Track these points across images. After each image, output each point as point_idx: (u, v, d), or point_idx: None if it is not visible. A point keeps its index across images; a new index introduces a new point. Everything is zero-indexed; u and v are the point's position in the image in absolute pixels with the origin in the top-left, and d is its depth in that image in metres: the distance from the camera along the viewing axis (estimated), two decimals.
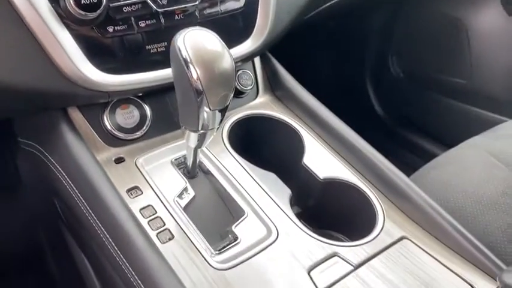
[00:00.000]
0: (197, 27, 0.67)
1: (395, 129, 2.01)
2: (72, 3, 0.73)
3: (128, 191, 0.81)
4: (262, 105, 1.06)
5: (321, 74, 2.11)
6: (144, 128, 0.91)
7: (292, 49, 1.51)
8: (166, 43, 0.85)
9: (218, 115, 0.70)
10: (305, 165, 0.94)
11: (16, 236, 1.52)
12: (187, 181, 0.85)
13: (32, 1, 0.73)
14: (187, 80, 0.64)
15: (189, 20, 0.86)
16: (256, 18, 0.97)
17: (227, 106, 0.70)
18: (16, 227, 1.52)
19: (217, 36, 0.67)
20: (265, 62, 1.11)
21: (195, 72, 0.63)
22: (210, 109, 0.67)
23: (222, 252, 0.74)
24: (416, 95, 1.88)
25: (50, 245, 1.42)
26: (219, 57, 0.65)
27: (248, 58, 1.00)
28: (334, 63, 2.14)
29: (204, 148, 0.88)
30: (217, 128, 0.74)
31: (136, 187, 0.82)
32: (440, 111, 1.79)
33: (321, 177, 0.91)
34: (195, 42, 0.64)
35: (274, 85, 1.10)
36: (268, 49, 1.07)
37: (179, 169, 0.88)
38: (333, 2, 1.28)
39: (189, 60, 0.63)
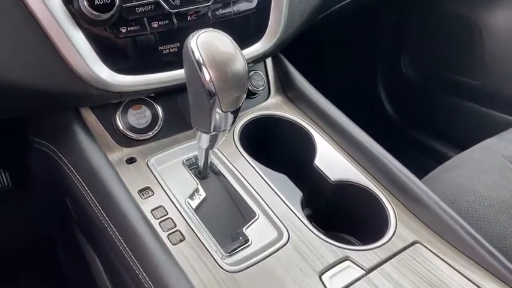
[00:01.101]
0: (210, 29, 0.66)
1: (407, 129, 1.99)
2: (85, 3, 0.73)
3: (140, 191, 0.81)
4: (273, 106, 1.06)
5: (331, 73, 2.10)
6: (156, 128, 0.91)
7: (302, 48, 1.50)
8: (178, 44, 0.85)
9: (230, 117, 0.70)
10: (316, 166, 0.93)
11: (28, 234, 1.54)
12: (198, 182, 0.85)
13: (46, 1, 0.73)
14: (199, 82, 0.64)
15: (202, 20, 0.86)
16: (268, 19, 0.96)
17: (239, 108, 0.70)
18: (28, 226, 1.53)
19: (230, 38, 0.66)
20: (276, 63, 1.11)
21: (207, 74, 0.63)
22: (222, 111, 0.67)
23: (233, 254, 0.74)
24: (428, 95, 1.87)
25: (61, 244, 1.43)
26: (232, 59, 0.65)
27: (260, 59, 1.00)
28: (344, 62, 2.12)
29: (215, 149, 0.88)
30: (229, 130, 0.73)
31: (147, 188, 0.82)
32: (452, 113, 1.77)
33: (333, 179, 0.90)
34: (208, 44, 0.64)
35: (285, 86, 1.09)
36: (280, 50, 1.06)
37: (190, 170, 0.88)
38: (345, 2, 1.27)
39: (201, 61, 0.63)
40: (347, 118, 1.00)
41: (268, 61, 1.09)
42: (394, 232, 0.81)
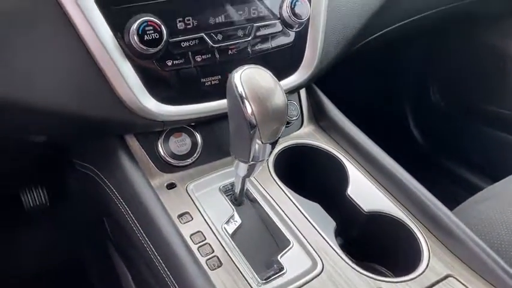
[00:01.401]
0: (252, 65, 0.70)
1: (437, 159, 1.97)
2: (135, 38, 0.78)
3: (179, 216, 0.85)
4: (306, 135, 1.09)
5: (360, 101, 2.12)
6: (195, 155, 0.95)
7: (331, 75, 1.53)
8: (219, 76, 0.89)
9: (269, 147, 0.73)
10: (349, 196, 0.94)
11: (61, 251, 1.58)
12: (234, 208, 0.88)
13: (99, 35, 0.78)
14: (241, 114, 0.67)
15: (242, 55, 0.90)
16: (304, 52, 1.00)
17: (278, 139, 0.73)
18: (62, 243, 1.58)
19: (271, 74, 0.70)
20: (309, 93, 1.14)
21: (249, 108, 0.66)
22: (262, 142, 0.70)
23: (269, 281, 0.76)
24: (459, 124, 1.86)
25: (95, 263, 1.47)
26: (272, 94, 0.68)
27: (295, 90, 1.03)
28: (373, 90, 2.14)
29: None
30: (266, 160, 0.76)
31: (186, 212, 0.85)
32: (484, 142, 1.76)
33: (366, 210, 0.92)
34: (250, 80, 0.67)
35: (318, 115, 1.12)
36: (314, 81, 1.09)
37: (226, 196, 0.91)
38: (379, 33, 1.30)
39: (244, 96, 0.66)
40: (378, 148, 1.01)
41: (302, 91, 1.12)
42: (427, 265, 0.82)
